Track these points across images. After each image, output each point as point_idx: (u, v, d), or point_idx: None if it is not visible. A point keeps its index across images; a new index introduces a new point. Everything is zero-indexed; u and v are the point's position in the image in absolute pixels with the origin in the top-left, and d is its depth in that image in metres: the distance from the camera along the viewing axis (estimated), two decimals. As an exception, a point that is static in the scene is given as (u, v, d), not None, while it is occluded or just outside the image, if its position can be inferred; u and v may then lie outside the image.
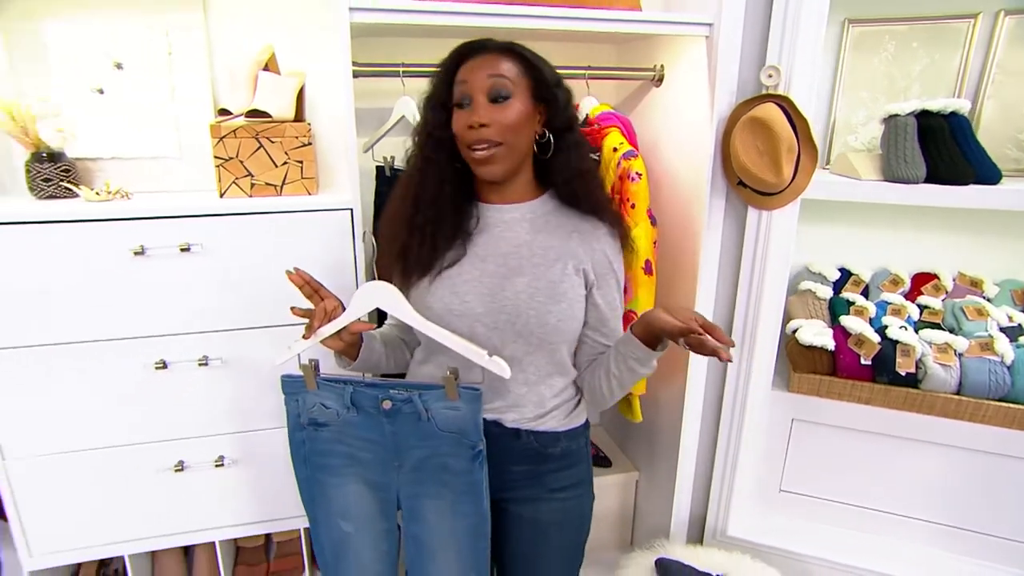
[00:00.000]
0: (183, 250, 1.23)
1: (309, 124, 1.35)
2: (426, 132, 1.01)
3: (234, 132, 1.27)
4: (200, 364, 1.30)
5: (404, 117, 1.40)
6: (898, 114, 1.50)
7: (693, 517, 1.77)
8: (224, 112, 1.35)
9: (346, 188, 1.32)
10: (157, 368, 1.28)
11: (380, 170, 1.54)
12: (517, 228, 1.06)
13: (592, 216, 1.07)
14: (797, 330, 1.62)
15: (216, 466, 1.37)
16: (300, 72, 1.43)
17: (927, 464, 1.57)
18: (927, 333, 1.54)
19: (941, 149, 1.46)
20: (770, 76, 1.40)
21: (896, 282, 1.74)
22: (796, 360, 1.62)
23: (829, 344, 1.56)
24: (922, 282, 1.73)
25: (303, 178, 1.35)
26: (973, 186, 1.43)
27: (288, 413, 1.07)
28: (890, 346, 1.52)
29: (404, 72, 1.35)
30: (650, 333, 0.97)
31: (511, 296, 1.01)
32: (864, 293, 1.75)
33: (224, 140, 1.27)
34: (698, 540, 1.78)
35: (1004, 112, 1.60)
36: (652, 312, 0.96)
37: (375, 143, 1.49)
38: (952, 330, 1.57)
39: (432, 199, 1.03)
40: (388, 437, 1.04)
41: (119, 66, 1.38)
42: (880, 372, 1.53)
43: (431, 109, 1.01)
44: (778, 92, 1.40)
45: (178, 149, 1.45)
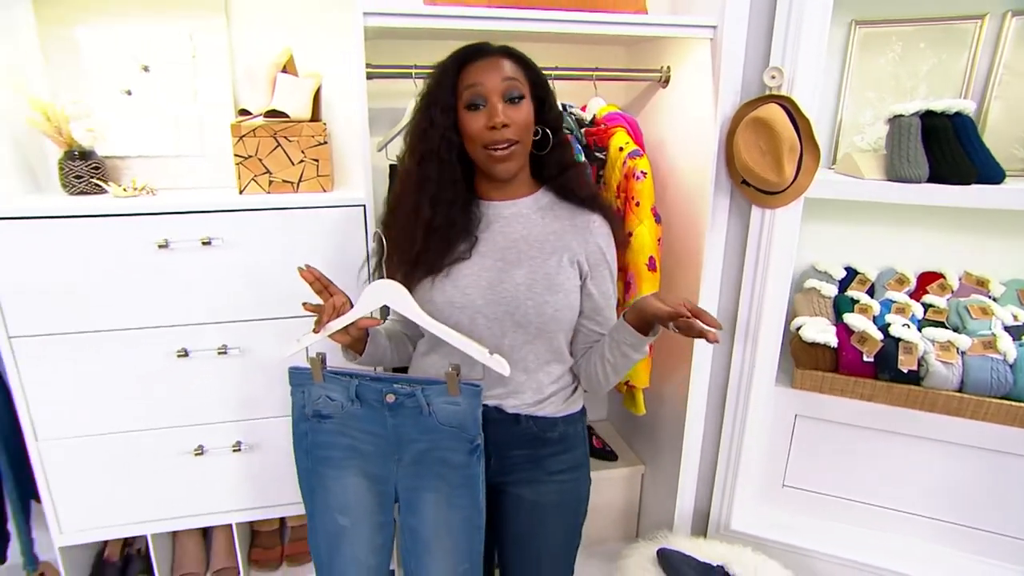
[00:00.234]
0: (204, 244, 1.29)
1: (325, 124, 1.41)
2: (438, 134, 1.04)
3: (253, 131, 1.33)
4: (219, 353, 1.36)
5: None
6: (902, 114, 1.52)
7: (697, 511, 1.80)
8: (244, 112, 1.41)
9: (360, 185, 1.37)
10: (179, 356, 1.34)
11: (393, 168, 1.59)
12: (515, 223, 1.11)
13: (585, 209, 1.11)
14: (801, 327, 1.64)
15: (233, 451, 1.43)
16: (317, 74, 1.49)
17: (929, 461, 1.58)
18: (930, 331, 1.55)
19: (944, 149, 1.48)
20: (773, 77, 1.42)
21: (902, 281, 1.75)
22: (799, 356, 1.65)
23: (832, 341, 1.58)
24: (928, 281, 1.74)
25: (319, 176, 1.41)
26: (976, 186, 1.44)
27: (293, 404, 1.11)
28: (892, 343, 1.54)
29: (416, 74, 1.40)
30: (642, 319, 1.01)
31: (510, 288, 1.05)
32: (870, 292, 1.76)
33: (244, 139, 1.33)
34: (702, 533, 1.80)
35: (1011, 112, 1.61)
36: (644, 299, 1.00)
37: (389, 142, 1.54)
38: (956, 329, 1.58)
39: (450, 200, 1.07)
40: (390, 430, 1.08)
41: (146, 69, 1.45)
42: (882, 369, 1.55)
43: (442, 111, 1.04)
44: (781, 93, 1.42)
45: (200, 147, 1.52)
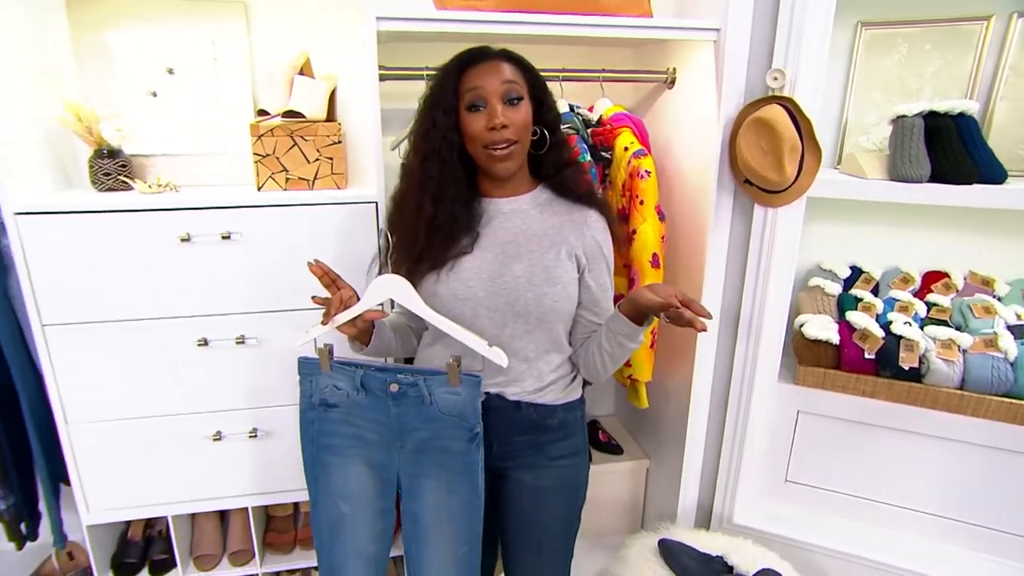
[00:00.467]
0: (224, 238, 1.35)
1: (339, 124, 1.46)
2: (439, 135, 1.09)
3: (271, 131, 1.39)
4: (238, 343, 1.42)
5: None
6: (905, 115, 1.54)
7: (701, 505, 1.83)
8: (263, 113, 1.47)
9: (372, 183, 1.43)
10: (199, 345, 1.41)
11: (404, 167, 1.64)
12: (515, 219, 1.15)
13: (582, 205, 1.16)
14: (803, 324, 1.66)
15: (250, 437, 1.50)
16: (332, 76, 1.55)
17: (930, 458, 1.60)
18: (931, 329, 1.57)
19: (947, 149, 1.49)
20: (775, 79, 1.45)
21: (906, 280, 1.77)
22: (802, 353, 1.67)
23: (834, 338, 1.61)
24: (933, 281, 1.75)
25: (333, 173, 1.46)
26: (977, 185, 1.46)
27: (301, 393, 1.16)
28: (894, 341, 1.56)
29: (428, 75, 1.44)
30: (635, 310, 1.05)
31: (510, 281, 1.10)
32: (875, 291, 1.78)
33: (262, 138, 1.39)
34: (705, 527, 1.83)
35: (1016, 113, 1.62)
36: (637, 290, 1.04)
37: (401, 141, 1.59)
38: (959, 327, 1.60)
39: (452, 198, 1.12)
40: (393, 419, 1.13)
41: (171, 72, 1.52)
42: (884, 366, 1.57)
43: (444, 113, 1.09)
44: (783, 94, 1.45)
45: (221, 146, 1.58)
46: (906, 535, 1.67)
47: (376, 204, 1.41)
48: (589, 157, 1.54)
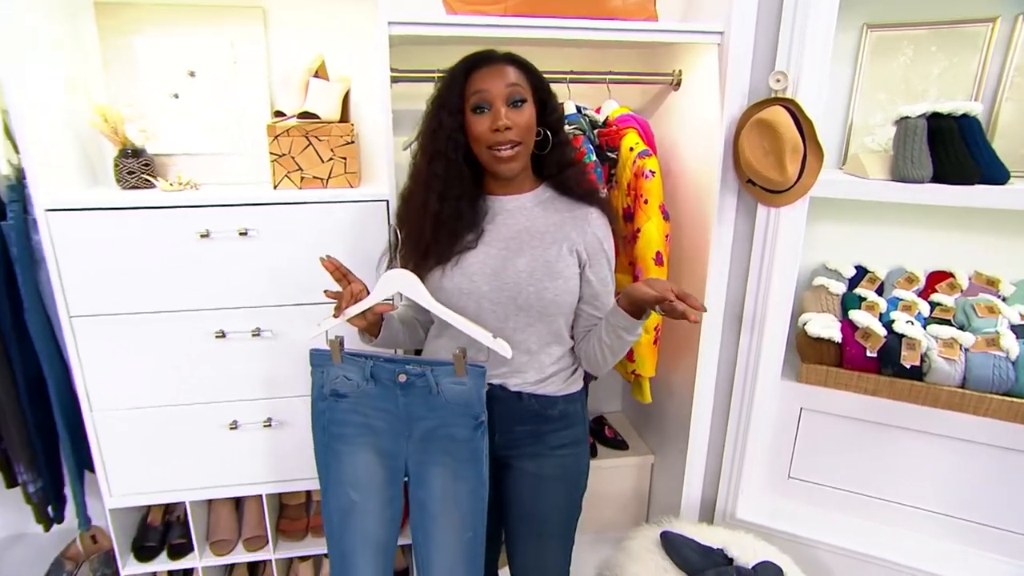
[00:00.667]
0: (241, 234, 1.41)
1: (352, 124, 1.51)
2: (445, 135, 1.13)
3: (287, 131, 1.44)
4: (253, 335, 1.48)
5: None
6: (909, 116, 1.56)
7: (705, 500, 1.86)
8: (279, 114, 1.52)
9: (384, 182, 1.47)
10: (217, 337, 1.46)
11: (415, 166, 1.69)
12: (518, 216, 1.19)
13: (584, 203, 1.19)
14: (806, 323, 1.69)
15: (264, 426, 1.55)
16: (346, 78, 1.60)
17: (931, 455, 1.61)
18: (934, 328, 1.58)
19: (949, 150, 1.51)
20: (778, 81, 1.48)
21: (911, 280, 1.78)
22: (804, 351, 1.69)
23: (836, 336, 1.63)
24: (938, 281, 1.76)
25: (346, 172, 1.51)
26: (979, 186, 1.48)
27: (313, 384, 1.20)
28: (895, 339, 1.57)
29: (438, 78, 1.48)
30: (633, 304, 1.08)
31: (512, 275, 1.14)
32: (879, 291, 1.80)
33: (278, 138, 1.44)
34: (708, 522, 1.85)
35: (1022, 114, 1.63)
36: (634, 285, 1.07)
37: (412, 142, 1.64)
38: (962, 327, 1.61)
39: (457, 196, 1.16)
40: (401, 408, 1.17)
41: (192, 74, 1.58)
42: (885, 364, 1.59)
43: (450, 114, 1.13)
44: (785, 96, 1.48)
45: (239, 146, 1.64)
46: (908, 532, 1.68)
47: (387, 202, 1.46)
48: (595, 157, 1.57)
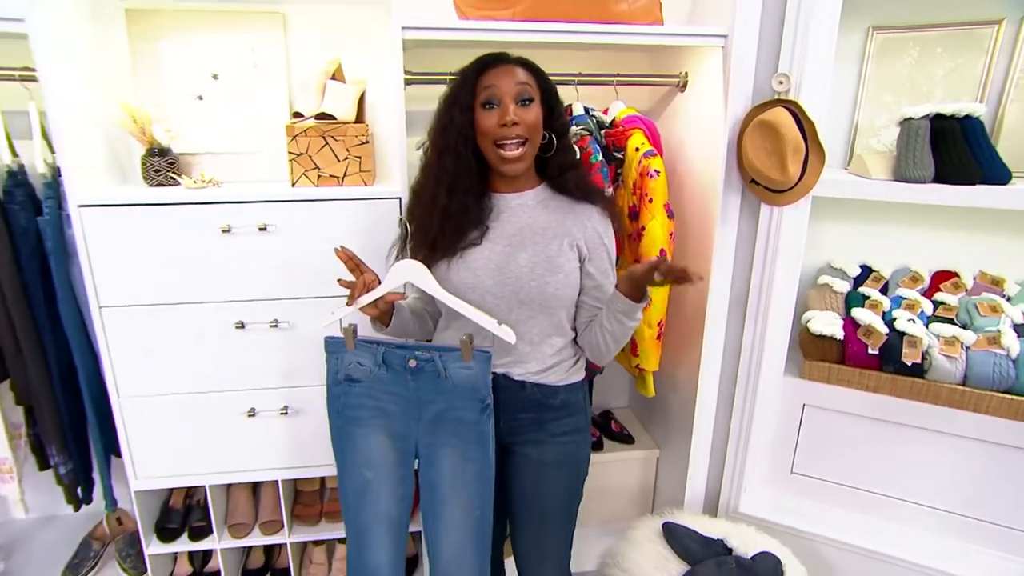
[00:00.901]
0: (261, 229, 1.47)
1: (367, 125, 1.57)
2: (456, 131, 1.18)
3: (305, 132, 1.51)
4: (271, 326, 1.54)
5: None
6: (912, 117, 1.58)
7: (709, 494, 1.89)
8: (297, 115, 1.59)
9: (397, 180, 1.53)
10: (237, 328, 1.53)
11: (428, 165, 1.75)
12: (521, 213, 1.24)
13: (585, 202, 1.24)
14: (809, 320, 1.71)
15: (281, 414, 1.61)
16: (362, 80, 1.66)
17: (932, 452, 1.63)
18: (936, 326, 1.60)
19: (951, 151, 1.53)
20: (780, 83, 1.51)
21: (915, 279, 1.80)
22: (807, 348, 1.72)
23: (838, 333, 1.65)
24: (942, 280, 1.78)
25: (361, 171, 1.57)
26: (980, 186, 1.50)
27: (328, 370, 1.26)
28: (897, 337, 1.60)
29: (450, 80, 1.54)
30: (631, 284, 1.13)
31: (515, 270, 1.19)
32: (884, 290, 1.82)
33: (296, 138, 1.50)
34: (712, 515, 1.88)
35: (1027, 115, 1.64)
36: (630, 268, 1.12)
37: (425, 142, 1.69)
38: (965, 326, 1.63)
39: (465, 190, 1.21)
40: (411, 392, 1.22)
41: (215, 77, 1.66)
42: (887, 362, 1.62)
43: (461, 111, 1.18)
44: (788, 97, 1.51)
45: (259, 145, 1.71)
46: (909, 528, 1.70)
47: (399, 200, 1.52)
48: (601, 157, 1.61)
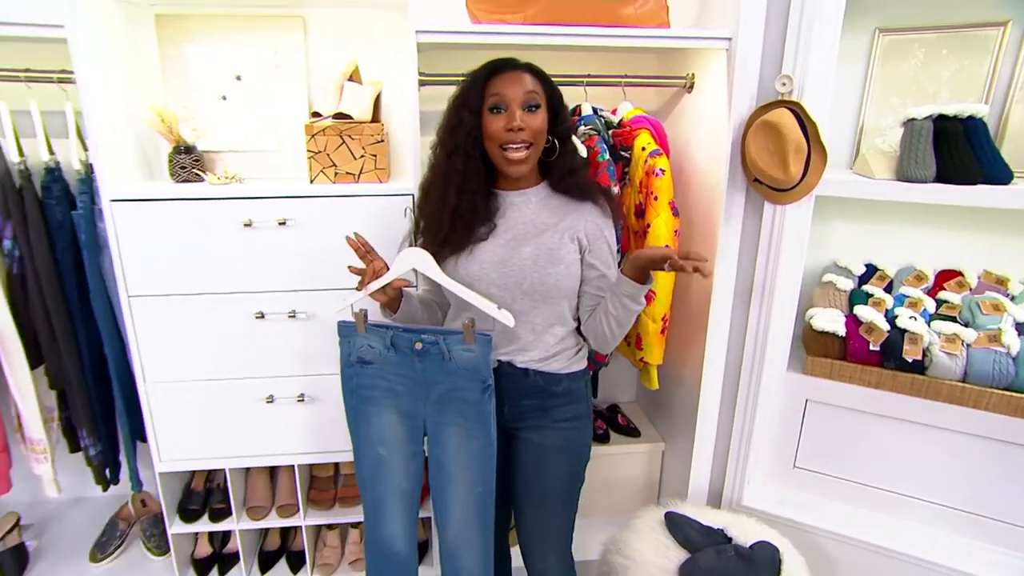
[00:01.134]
0: (281, 224, 1.55)
1: (383, 124, 1.64)
2: (465, 132, 1.23)
3: (323, 131, 1.57)
4: (289, 316, 1.61)
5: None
6: (915, 118, 1.60)
7: (712, 487, 1.93)
8: (316, 114, 1.66)
9: (410, 177, 1.59)
10: (257, 318, 1.60)
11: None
12: (524, 209, 1.30)
13: (586, 199, 1.29)
14: (812, 316, 1.75)
15: (298, 401, 1.69)
16: (378, 81, 1.73)
17: (932, 448, 1.65)
18: (938, 324, 1.63)
19: (953, 151, 1.55)
20: (783, 84, 1.55)
21: (920, 278, 1.82)
22: (810, 344, 1.75)
23: (840, 330, 1.68)
24: (946, 279, 1.80)
25: (376, 169, 1.64)
26: (981, 186, 1.52)
27: (341, 352, 1.33)
28: (898, 334, 1.62)
29: (460, 82, 1.60)
30: (637, 268, 1.18)
31: (518, 262, 1.25)
32: (888, 288, 1.84)
33: (315, 137, 1.57)
34: (716, 507, 1.92)
35: (1032, 116, 1.66)
36: (639, 251, 1.17)
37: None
38: (967, 324, 1.65)
39: (473, 190, 1.27)
40: (418, 373, 1.29)
41: (239, 78, 1.73)
42: (888, 358, 1.64)
43: (470, 113, 1.23)
44: (791, 98, 1.54)
45: (280, 144, 1.78)
46: (908, 522, 1.72)
47: (412, 196, 1.58)
48: (608, 156, 1.66)
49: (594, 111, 1.75)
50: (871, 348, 1.65)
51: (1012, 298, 1.70)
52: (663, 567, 1.52)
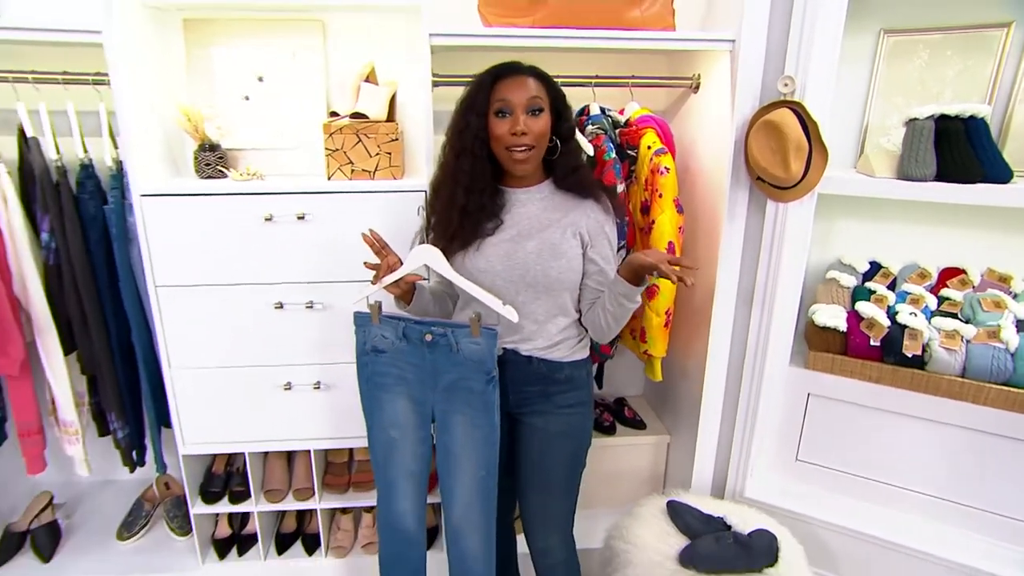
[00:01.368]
0: (299, 218, 1.62)
1: (397, 124, 1.70)
2: (472, 134, 1.29)
3: (340, 129, 1.65)
4: (307, 307, 1.69)
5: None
6: (917, 118, 1.63)
7: (716, 479, 1.97)
8: (334, 114, 1.73)
9: (424, 174, 1.66)
10: (276, 308, 1.68)
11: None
12: (529, 205, 1.36)
13: (589, 196, 1.35)
14: (815, 312, 1.78)
15: (314, 388, 1.76)
16: (393, 82, 1.80)
17: (932, 441, 1.68)
18: (938, 320, 1.65)
19: (954, 150, 1.58)
20: (785, 85, 1.59)
21: (923, 276, 1.84)
22: (812, 339, 1.79)
23: (841, 325, 1.72)
24: (950, 277, 1.82)
25: (391, 166, 1.70)
26: (980, 185, 1.55)
27: (357, 341, 1.41)
28: (898, 330, 1.66)
29: (467, 85, 1.65)
30: (632, 271, 1.23)
31: (522, 256, 1.31)
32: (892, 285, 1.87)
33: (332, 135, 1.65)
34: (719, 499, 1.96)
35: (1035, 116, 1.68)
36: (633, 255, 1.22)
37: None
38: (968, 321, 1.67)
39: (481, 189, 1.33)
40: (428, 363, 1.36)
41: (260, 79, 1.81)
42: (888, 353, 1.67)
43: (476, 116, 1.29)
44: (792, 99, 1.58)
45: (299, 142, 1.85)
46: (907, 515, 1.75)
47: (425, 192, 1.64)
48: (614, 154, 1.71)
49: (602, 111, 1.80)
50: (871, 343, 1.69)
51: (1015, 296, 1.72)
52: (664, 552, 1.57)
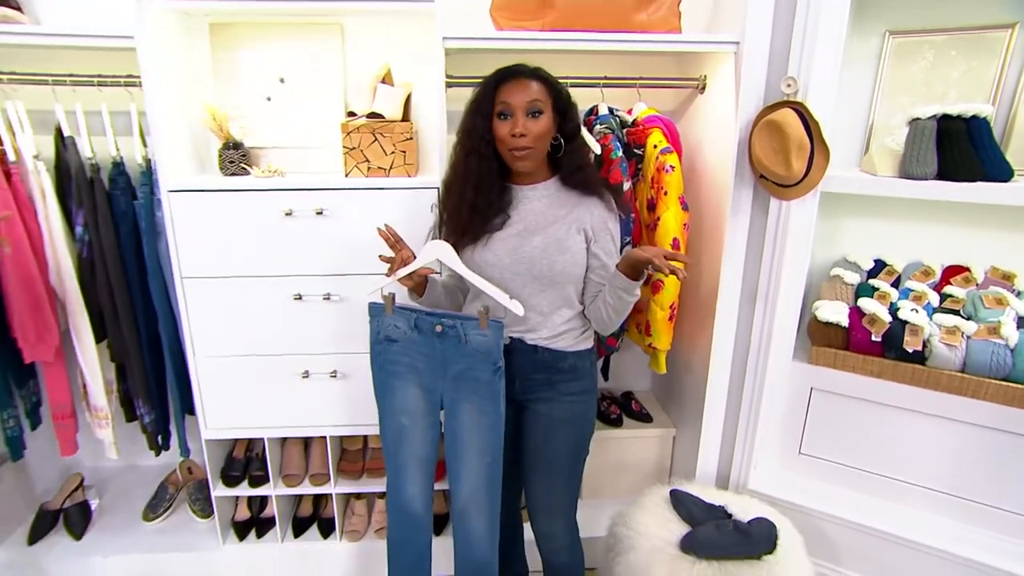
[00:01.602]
0: (318, 214, 1.69)
1: (412, 123, 1.77)
2: (479, 135, 1.36)
3: (357, 129, 1.72)
4: (325, 299, 1.76)
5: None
6: (920, 118, 1.66)
7: (720, 471, 2.01)
8: (351, 114, 1.80)
9: (437, 172, 1.72)
10: (295, 299, 1.76)
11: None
12: (535, 202, 1.42)
13: (593, 193, 1.41)
14: (817, 308, 1.82)
15: (331, 377, 1.83)
16: (409, 83, 1.86)
17: (932, 436, 1.71)
18: (940, 317, 1.68)
19: (955, 149, 1.61)
20: (788, 85, 1.63)
21: (927, 273, 1.87)
22: (815, 335, 1.82)
23: (843, 321, 1.75)
24: (953, 274, 1.85)
25: (406, 164, 1.77)
26: (980, 183, 1.57)
27: (371, 331, 1.48)
28: (899, 325, 1.69)
29: (475, 87, 1.71)
30: (630, 266, 1.29)
31: (528, 251, 1.37)
32: (896, 283, 1.89)
33: (350, 134, 1.72)
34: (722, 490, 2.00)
35: (1038, 116, 1.70)
36: (630, 251, 1.28)
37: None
38: (969, 317, 1.70)
39: (489, 187, 1.40)
40: (438, 353, 1.42)
41: (282, 80, 1.89)
42: (889, 348, 1.71)
43: (482, 118, 1.36)
44: (795, 99, 1.62)
45: (318, 140, 1.92)
46: (908, 508, 1.78)
47: (438, 189, 1.71)
48: (621, 153, 1.76)
49: (610, 111, 1.86)
50: (873, 339, 1.72)
51: (1018, 293, 1.74)
52: (666, 539, 1.61)
